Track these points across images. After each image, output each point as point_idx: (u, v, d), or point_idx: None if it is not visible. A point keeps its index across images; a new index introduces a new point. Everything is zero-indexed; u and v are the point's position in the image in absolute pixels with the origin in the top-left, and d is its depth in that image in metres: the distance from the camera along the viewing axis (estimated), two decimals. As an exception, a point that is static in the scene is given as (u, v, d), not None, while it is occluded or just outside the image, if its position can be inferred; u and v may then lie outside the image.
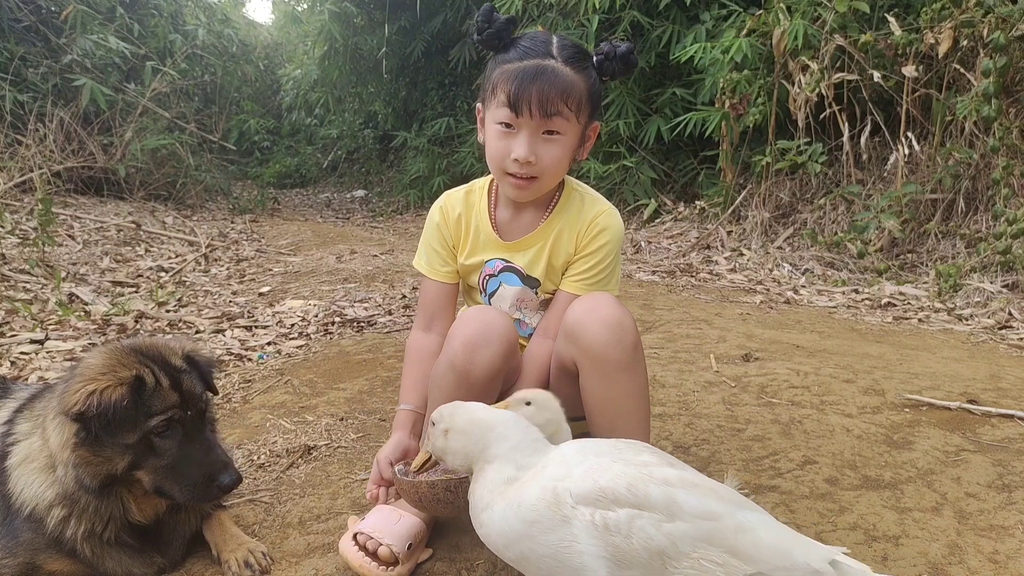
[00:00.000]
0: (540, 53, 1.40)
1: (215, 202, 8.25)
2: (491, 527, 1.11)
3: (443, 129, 8.38)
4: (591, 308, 1.37)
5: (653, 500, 1.02)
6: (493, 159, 1.47)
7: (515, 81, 1.37)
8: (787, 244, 4.81)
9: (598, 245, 1.52)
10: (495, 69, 1.44)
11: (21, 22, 6.35)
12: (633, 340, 1.36)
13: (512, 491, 1.09)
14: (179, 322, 3.32)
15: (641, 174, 5.99)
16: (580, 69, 1.42)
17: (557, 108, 1.38)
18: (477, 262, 1.59)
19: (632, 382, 1.37)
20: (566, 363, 1.43)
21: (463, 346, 1.35)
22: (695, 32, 5.44)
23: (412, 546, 1.38)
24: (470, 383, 1.35)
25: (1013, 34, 3.75)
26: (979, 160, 4.09)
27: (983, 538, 1.46)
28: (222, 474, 1.33)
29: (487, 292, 1.60)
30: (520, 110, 1.38)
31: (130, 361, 1.33)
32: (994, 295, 3.53)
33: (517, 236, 1.56)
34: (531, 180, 1.46)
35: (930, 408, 2.11)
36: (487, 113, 1.48)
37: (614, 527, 1.01)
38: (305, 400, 2.37)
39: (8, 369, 2.54)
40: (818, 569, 1.00)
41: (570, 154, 1.47)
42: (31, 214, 4.72)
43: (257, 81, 11.43)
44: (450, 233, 1.60)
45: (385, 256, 5.46)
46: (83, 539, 1.33)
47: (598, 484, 1.04)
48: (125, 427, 1.28)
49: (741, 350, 2.73)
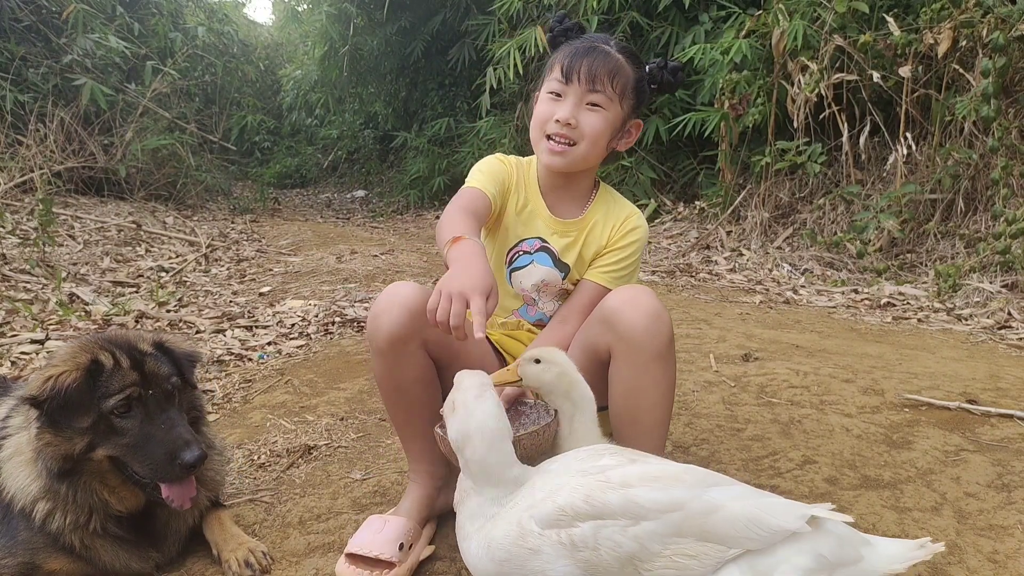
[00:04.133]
0: (599, 40, 1.55)
1: (215, 202, 8.25)
2: (470, 560, 1.13)
3: (443, 129, 8.37)
4: (631, 297, 1.39)
5: (613, 506, 1.00)
6: (537, 121, 1.56)
7: (570, 54, 1.51)
8: (787, 244, 4.81)
9: (629, 241, 1.61)
10: (558, 52, 1.56)
11: (21, 22, 6.34)
12: (669, 333, 1.39)
13: (486, 528, 1.09)
14: (179, 322, 3.32)
15: (640, 174, 5.99)
16: (632, 62, 1.54)
17: (602, 83, 1.49)
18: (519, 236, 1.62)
19: (663, 375, 1.40)
20: (599, 350, 1.44)
21: (371, 317, 1.41)
22: (694, 33, 5.45)
23: (404, 545, 1.38)
24: (377, 349, 1.40)
25: (1012, 34, 3.75)
26: (978, 160, 4.09)
27: (982, 538, 1.46)
28: (183, 451, 1.31)
29: (512, 266, 1.63)
30: (570, 77, 1.49)
31: (93, 347, 1.35)
32: (993, 295, 3.54)
33: (563, 218, 1.63)
34: (569, 146, 1.52)
35: (929, 408, 2.11)
36: (542, 86, 1.58)
37: (580, 542, 1.00)
38: (305, 400, 2.38)
39: (9, 369, 2.54)
40: (794, 530, 0.99)
41: (609, 132, 1.54)
42: (32, 214, 4.72)
43: (257, 81, 11.41)
44: (511, 181, 1.63)
45: (385, 256, 5.47)
46: (70, 531, 1.33)
47: (557, 504, 1.02)
48: (80, 409, 1.29)
49: (741, 350, 2.73)
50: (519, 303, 1.65)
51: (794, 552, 0.99)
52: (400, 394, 1.45)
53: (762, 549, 0.99)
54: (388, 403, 1.50)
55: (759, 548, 0.99)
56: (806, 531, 0.99)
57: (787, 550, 0.99)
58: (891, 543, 1.05)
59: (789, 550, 0.99)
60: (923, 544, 1.03)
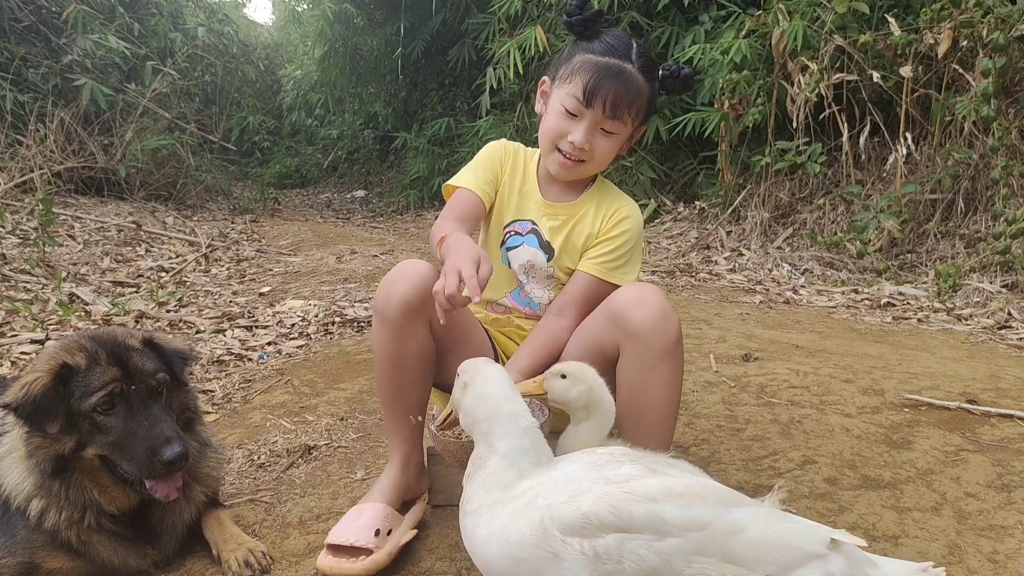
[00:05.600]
0: (621, 54, 1.51)
1: (215, 202, 8.25)
2: (475, 545, 1.10)
3: (443, 129, 8.37)
4: (641, 295, 1.40)
5: (638, 520, 0.99)
6: (548, 134, 1.57)
7: (595, 74, 1.48)
8: (786, 244, 4.81)
9: (619, 231, 1.62)
10: (576, 54, 1.53)
11: (21, 22, 6.34)
12: (677, 332, 1.40)
13: (502, 516, 1.07)
14: (179, 322, 3.32)
15: (640, 174, 5.99)
16: (649, 79, 1.53)
17: (622, 113, 1.50)
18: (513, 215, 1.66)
19: (671, 373, 1.40)
20: (606, 348, 1.44)
21: (383, 285, 1.44)
22: (694, 33, 5.45)
23: (380, 531, 1.39)
24: (387, 318, 1.41)
25: (1012, 34, 3.75)
26: (978, 160, 4.09)
27: (982, 538, 1.46)
28: (165, 448, 1.30)
29: (507, 245, 1.66)
30: (591, 102, 1.49)
31: (70, 348, 1.35)
32: (993, 295, 3.54)
33: (553, 201, 1.66)
34: (578, 163, 1.57)
35: (929, 408, 2.11)
36: (556, 91, 1.56)
37: (604, 555, 0.98)
38: (305, 400, 2.38)
39: (9, 369, 2.54)
40: (819, 554, 0.99)
41: (617, 150, 1.60)
42: (31, 214, 4.72)
43: (257, 81, 11.40)
44: (507, 164, 1.68)
45: (385, 256, 5.47)
46: (65, 528, 1.33)
47: (581, 511, 1.01)
48: (48, 414, 1.29)
49: (741, 350, 2.73)
50: (513, 285, 1.67)
51: (807, 570, 0.99)
52: (399, 368, 1.46)
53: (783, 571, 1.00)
54: (384, 377, 1.49)
55: (782, 571, 0.99)
56: (829, 556, 1.00)
57: (801, 568, 1.00)
58: (896, 564, 1.06)
59: (802, 568, 1.00)
60: (926, 568, 1.04)
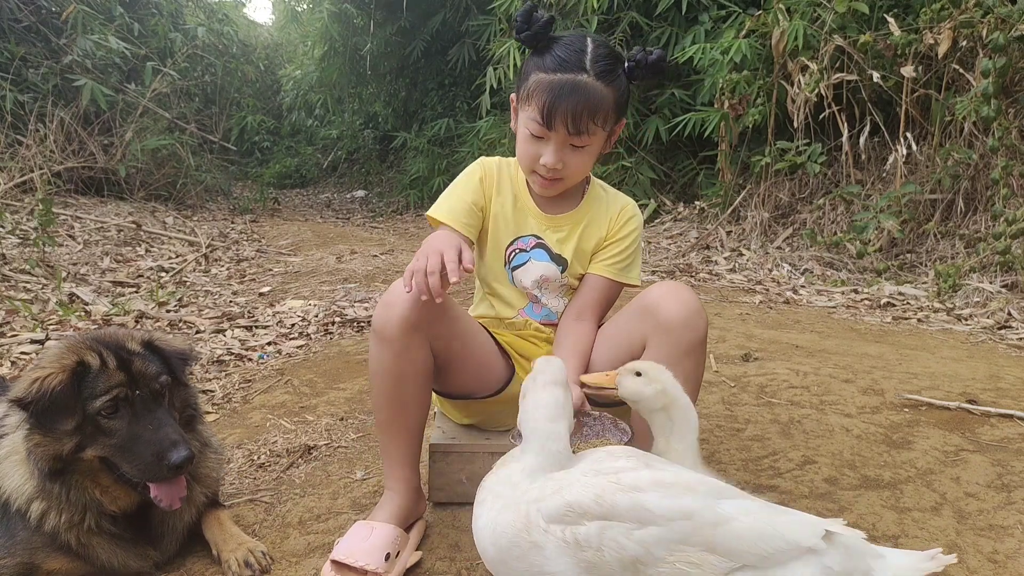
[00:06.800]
0: (574, 66, 1.44)
1: (215, 202, 8.25)
2: (474, 532, 1.13)
3: (443, 129, 8.37)
4: (673, 290, 1.42)
5: (620, 509, 1.00)
6: (522, 159, 1.56)
7: (549, 95, 1.43)
8: (786, 244, 4.81)
9: (627, 231, 1.64)
10: (532, 73, 1.49)
11: (21, 22, 6.34)
12: (704, 330, 1.41)
13: (495, 507, 1.09)
14: (179, 322, 3.32)
15: (640, 174, 5.99)
16: (610, 81, 1.46)
17: (586, 126, 1.45)
18: (513, 234, 1.63)
19: (694, 370, 1.42)
20: (633, 345, 1.46)
21: (380, 306, 1.41)
22: (694, 33, 5.45)
23: (391, 555, 1.37)
24: (386, 337, 1.39)
25: (1012, 34, 3.75)
26: (978, 160, 4.09)
27: (982, 538, 1.46)
28: (171, 451, 1.30)
29: (512, 264, 1.64)
30: (553, 125, 1.45)
31: (81, 348, 1.34)
32: (993, 295, 3.54)
33: (553, 214, 1.64)
34: (557, 181, 1.56)
35: (929, 408, 2.11)
36: (521, 113, 1.54)
37: (584, 541, 0.99)
38: (305, 400, 2.38)
39: (9, 369, 2.54)
40: (813, 547, 0.98)
41: (595, 157, 1.57)
42: (31, 214, 4.72)
43: (257, 81, 11.40)
44: (491, 188, 1.64)
45: (385, 256, 5.47)
46: (65, 530, 1.33)
47: (565, 500, 1.02)
48: (65, 411, 1.29)
49: (740, 350, 2.73)
50: (525, 301, 1.65)
51: (801, 564, 0.98)
52: (398, 387, 1.43)
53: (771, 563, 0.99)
54: (381, 397, 1.46)
55: (770, 563, 0.98)
56: (822, 547, 0.98)
57: (795, 562, 0.99)
58: (902, 555, 1.04)
59: (796, 562, 0.98)
60: (934, 556, 1.02)
